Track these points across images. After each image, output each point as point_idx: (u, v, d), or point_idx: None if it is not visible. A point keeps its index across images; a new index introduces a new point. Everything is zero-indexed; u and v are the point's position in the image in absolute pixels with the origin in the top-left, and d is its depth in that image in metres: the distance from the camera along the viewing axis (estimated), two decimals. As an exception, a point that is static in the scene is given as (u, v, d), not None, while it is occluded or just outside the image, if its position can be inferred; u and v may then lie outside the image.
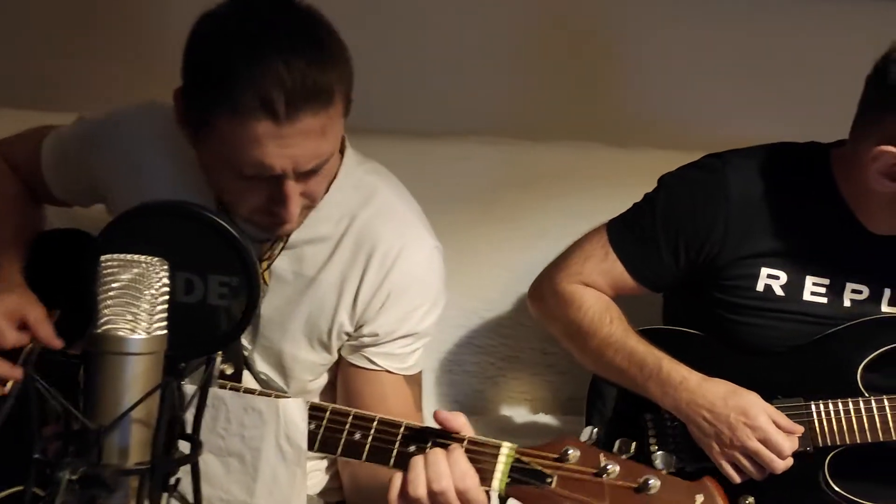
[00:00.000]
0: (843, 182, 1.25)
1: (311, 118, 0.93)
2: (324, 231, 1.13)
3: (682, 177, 1.33)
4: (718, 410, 1.19)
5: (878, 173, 1.15)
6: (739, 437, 1.17)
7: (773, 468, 1.17)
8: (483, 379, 1.74)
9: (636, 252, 1.33)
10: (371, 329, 1.14)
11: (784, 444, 1.16)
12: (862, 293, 1.26)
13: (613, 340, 1.29)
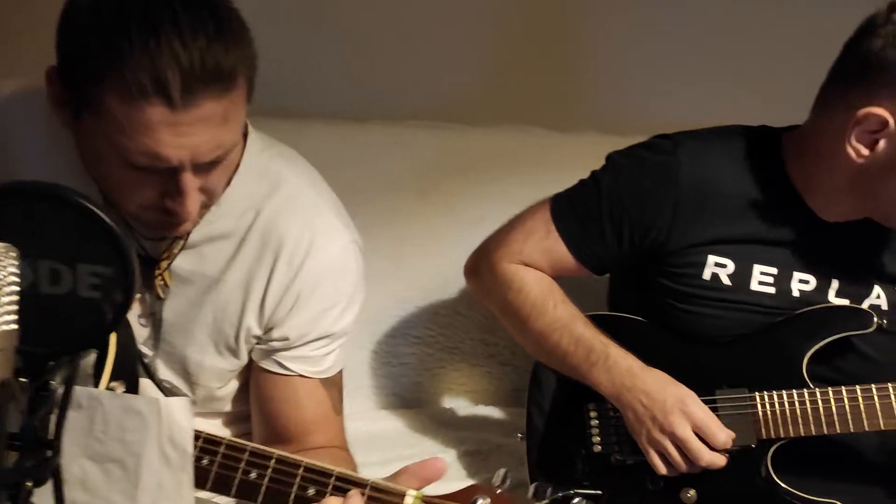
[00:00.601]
0: (794, 167, 1.20)
1: (212, 103, 0.82)
2: (226, 227, 1.02)
3: (630, 156, 1.26)
4: (656, 396, 1.15)
5: (858, 141, 1.09)
6: (672, 422, 1.13)
7: (698, 459, 1.12)
8: (422, 371, 1.66)
9: (579, 232, 1.26)
10: (281, 332, 1.05)
11: (719, 435, 1.12)
12: (809, 283, 1.21)
13: (560, 325, 1.23)
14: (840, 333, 1.16)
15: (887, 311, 1.20)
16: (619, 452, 1.23)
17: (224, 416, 1.16)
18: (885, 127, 1.06)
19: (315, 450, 1.07)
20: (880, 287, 1.21)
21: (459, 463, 1.47)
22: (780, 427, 1.15)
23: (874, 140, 1.08)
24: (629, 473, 1.22)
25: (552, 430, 1.30)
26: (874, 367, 1.21)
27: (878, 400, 1.11)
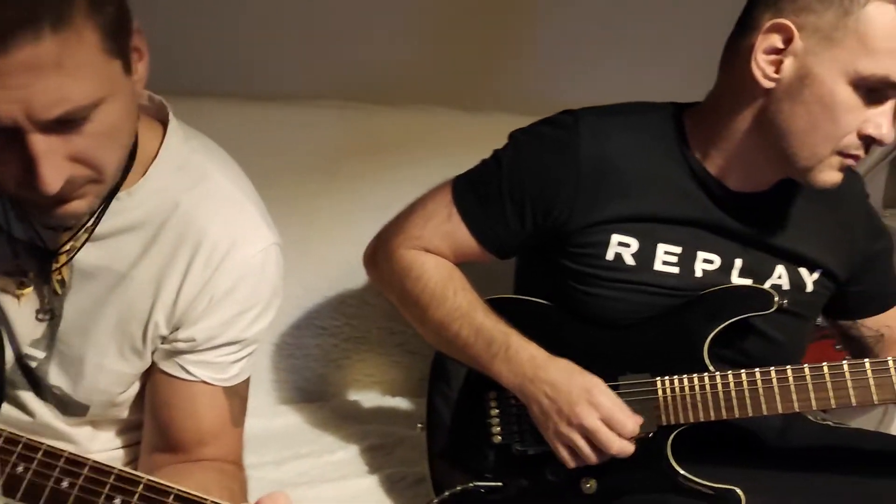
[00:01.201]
0: (699, 140, 1.15)
1: (30, 47, 0.70)
2: (138, 218, 0.92)
3: (532, 133, 1.20)
4: (561, 387, 1.10)
5: (766, 58, 1.04)
6: (578, 413, 1.08)
7: (608, 448, 1.08)
8: (326, 362, 1.59)
9: (481, 214, 1.20)
10: (188, 333, 0.95)
11: (627, 422, 1.08)
12: (713, 263, 1.17)
13: (459, 314, 1.17)
14: (741, 315, 1.13)
15: (788, 291, 1.18)
16: (521, 443, 1.18)
17: (119, 424, 1.06)
18: (791, 43, 1.02)
19: (203, 462, 0.99)
20: (782, 267, 1.18)
21: (362, 458, 1.41)
22: (680, 413, 1.11)
23: (780, 60, 1.04)
24: (530, 464, 1.17)
25: (453, 421, 1.24)
26: (776, 348, 1.18)
27: (777, 384, 1.08)
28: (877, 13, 0.98)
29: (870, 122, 1.03)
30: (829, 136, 1.05)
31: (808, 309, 1.22)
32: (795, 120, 1.06)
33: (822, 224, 1.19)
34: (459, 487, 1.19)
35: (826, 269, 1.20)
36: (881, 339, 1.26)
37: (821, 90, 1.03)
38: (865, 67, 1.00)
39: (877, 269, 1.25)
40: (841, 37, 1.00)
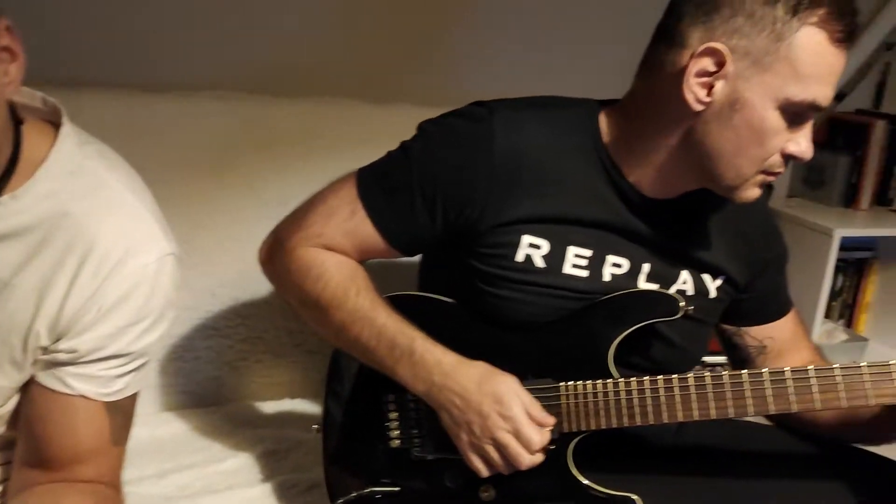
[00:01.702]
0: (616, 141, 1.11)
1: None
2: (23, 224, 0.86)
3: (443, 125, 1.13)
4: (471, 397, 1.05)
5: (698, 81, 1.00)
6: (490, 427, 1.04)
7: (518, 463, 1.04)
8: (220, 365, 1.51)
9: (388, 210, 1.13)
10: (71, 344, 0.89)
11: (534, 438, 1.04)
12: (622, 267, 1.14)
13: (360, 316, 1.10)
14: (647, 320, 1.10)
15: (693, 297, 1.16)
16: (420, 448, 1.14)
17: None
18: (723, 66, 0.99)
19: (77, 484, 0.92)
20: (687, 272, 1.17)
21: (253, 466, 1.34)
22: (582, 420, 1.08)
23: (711, 83, 1.01)
24: (429, 469, 1.13)
25: (350, 423, 1.18)
26: (678, 353, 1.17)
27: (679, 392, 1.06)
28: (807, 39, 0.96)
29: (792, 142, 1.02)
30: (755, 158, 1.03)
31: (710, 315, 1.21)
32: (723, 143, 1.03)
33: (725, 231, 1.18)
34: (354, 493, 1.14)
35: (728, 276, 1.19)
36: (763, 350, 1.26)
37: (751, 115, 1.00)
38: (795, 93, 0.98)
39: (769, 279, 1.24)
40: (772, 62, 0.98)
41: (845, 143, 2.35)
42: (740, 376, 1.06)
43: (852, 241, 2.36)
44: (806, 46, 0.96)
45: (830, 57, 0.97)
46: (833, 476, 1.14)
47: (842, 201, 2.37)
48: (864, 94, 2.44)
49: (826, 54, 0.97)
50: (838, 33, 0.96)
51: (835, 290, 2.45)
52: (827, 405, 1.04)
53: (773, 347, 1.26)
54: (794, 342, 1.27)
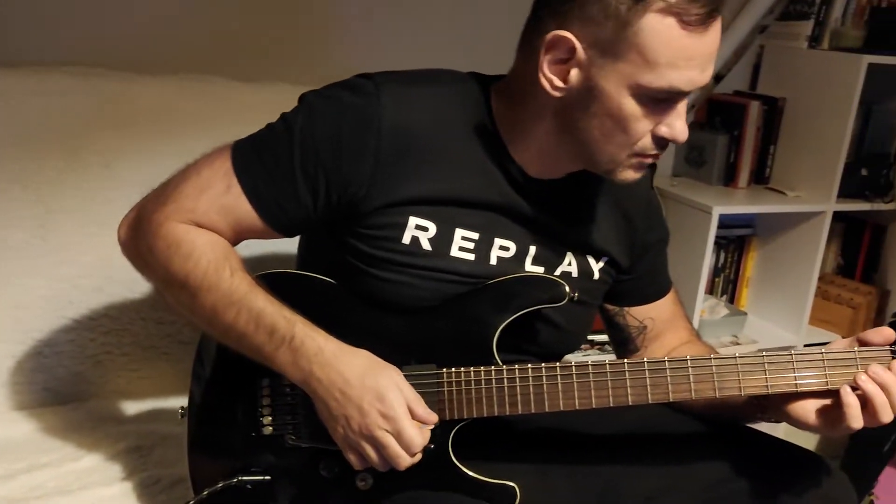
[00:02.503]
0: (501, 119, 1.06)
1: None
2: None
3: (328, 97, 1.04)
4: (352, 392, 0.98)
5: (550, 70, 0.97)
6: (369, 426, 0.97)
7: (397, 464, 0.99)
8: (83, 359, 1.39)
9: (266, 187, 1.03)
10: None
11: (415, 440, 0.98)
12: (509, 250, 1.09)
13: (236, 299, 1.01)
14: (533, 306, 1.06)
15: (577, 279, 1.14)
16: (294, 435, 1.07)
17: None
18: (574, 54, 0.95)
19: None
20: (571, 254, 1.14)
21: (113, 463, 1.24)
22: (464, 407, 1.04)
23: (566, 70, 0.97)
24: (303, 457, 1.07)
25: (218, 409, 1.10)
26: (563, 335, 1.14)
27: (561, 380, 1.03)
28: (655, 25, 0.91)
29: (662, 125, 0.99)
30: (622, 143, 1.00)
31: (594, 296, 1.19)
32: (589, 129, 1.00)
33: (609, 213, 1.16)
34: (221, 484, 1.06)
35: (611, 258, 1.17)
36: (644, 330, 1.25)
37: (608, 103, 0.96)
38: (649, 80, 0.94)
39: (650, 261, 1.23)
40: (622, 50, 0.93)
41: (723, 124, 2.39)
42: (621, 366, 1.03)
43: (732, 218, 2.42)
44: (654, 33, 0.91)
45: (684, 41, 0.92)
46: (713, 454, 1.14)
47: (721, 180, 2.41)
48: (743, 76, 2.49)
49: (678, 39, 0.92)
50: (690, 17, 0.91)
51: (717, 266, 2.50)
52: (701, 395, 1.03)
53: (652, 327, 1.25)
54: (672, 322, 1.27)
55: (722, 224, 2.40)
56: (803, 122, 2.33)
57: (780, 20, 2.36)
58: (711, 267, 2.47)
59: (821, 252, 2.32)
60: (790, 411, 1.04)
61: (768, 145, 2.40)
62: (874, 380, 0.99)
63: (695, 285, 2.23)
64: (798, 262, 2.37)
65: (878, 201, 2.31)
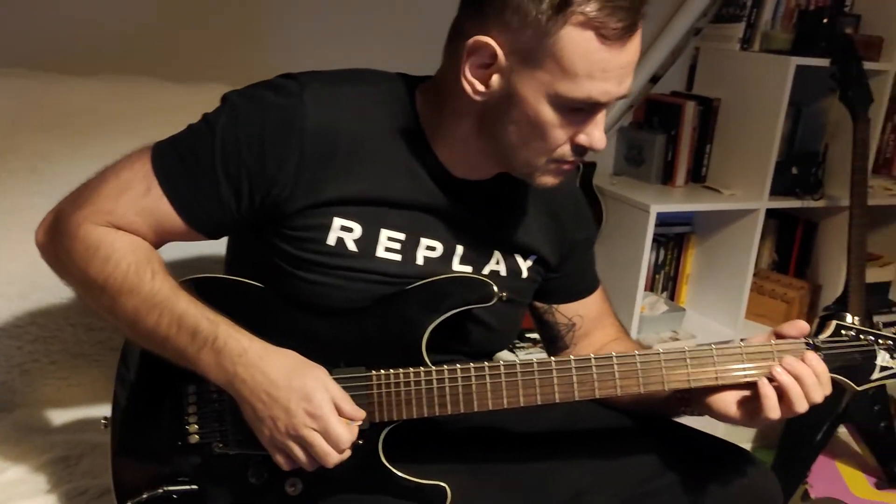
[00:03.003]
0: (427, 119, 1.05)
1: None
2: None
3: (251, 97, 1.03)
4: (278, 392, 0.96)
5: (473, 75, 0.96)
6: (296, 426, 0.95)
7: (325, 462, 0.97)
8: (8, 368, 1.35)
9: (188, 188, 1.01)
10: None
11: (343, 437, 0.96)
12: (436, 250, 1.09)
13: (158, 301, 0.98)
14: (461, 307, 1.06)
15: (506, 278, 1.14)
16: (222, 443, 1.04)
17: None
18: (496, 60, 0.95)
19: None
20: (500, 254, 1.14)
21: (37, 475, 1.20)
22: (394, 409, 1.03)
23: (488, 74, 0.96)
24: (231, 465, 1.04)
25: (142, 417, 1.07)
26: (492, 334, 1.14)
27: (489, 380, 1.03)
28: (573, 37, 0.91)
29: (581, 133, 0.99)
30: (540, 150, 1.00)
31: (524, 294, 1.19)
32: (508, 134, 1.00)
33: (536, 212, 1.16)
34: (146, 494, 1.03)
35: (539, 256, 1.17)
36: (573, 327, 1.26)
37: (527, 110, 0.96)
38: (567, 90, 0.94)
39: (578, 259, 1.24)
40: (540, 59, 0.93)
41: (661, 124, 2.42)
42: (549, 364, 1.03)
43: (670, 216, 2.46)
44: (572, 45, 0.91)
45: (602, 54, 0.92)
46: (642, 449, 1.15)
47: (660, 179, 2.44)
48: (680, 77, 2.53)
49: (596, 52, 0.92)
50: (609, 31, 0.91)
51: (658, 263, 2.54)
52: (626, 391, 1.04)
53: (581, 325, 1.25)
54: (600, 319, 1.27)
55: (661, 222, 2.44)
56: (737, 121, 2.37)
57: (714, 23, 2.40)
58: (651, 264, 2.51)
59: (755, 248, 2.36)
60: (711, 404, 1.06)
61: (704, 144, 2.45)
62: (788, 371, 1.01)
63: (634, 282, 2.26)
64: (734, 259, 2.41)
65: (808, 198, 2.37)
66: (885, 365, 1.06)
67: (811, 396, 1.02)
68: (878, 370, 1.06)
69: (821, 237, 2.60)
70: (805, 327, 1.05)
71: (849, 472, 2.47)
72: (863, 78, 2.16)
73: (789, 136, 2.44)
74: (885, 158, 2.71)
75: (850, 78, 2.15)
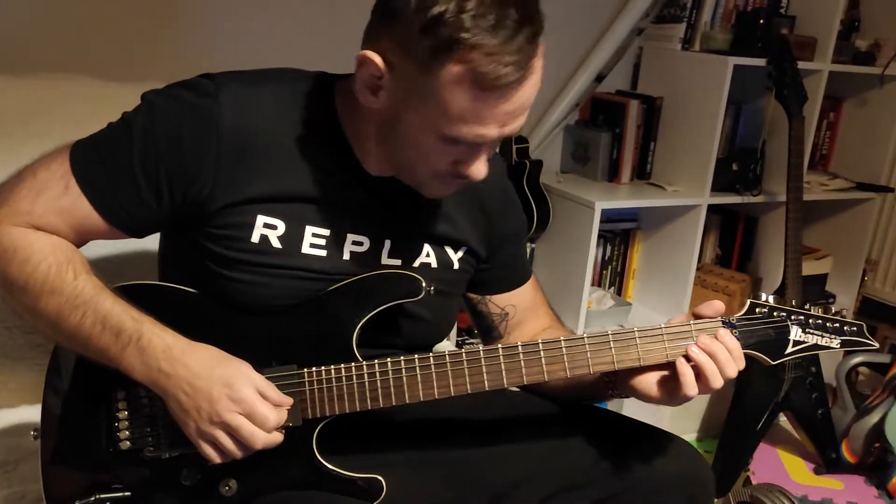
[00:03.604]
0: (345, 118, 1.06)
1: None
2: None
3: (168, 96, 1.03)
4: (200, 383, 0.96)
5: (362, 81, 0.96)
6: (220, 411, 0.96)
7: (252, 443, 0.97)
8: (-58, 373, 1.33)
9: (107, 187, 1.01)
10: None
11: (269, 415, 0.97)
12: (363, 245, 1.09)
13: (81, 301, 0.98)
14: (389, 302, 1.06)
15: (437, 269, 1.15)
16: (154, 447, 1.04)
17: None
18: (382, 77, 0.95)
19: None
20: (429, 246, 1.15)
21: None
22: (326, 405, 1.03)
23: (377, 88, 0.96)
24: (163, 469, 1.04)
25: (73, 426, 1.06)
26: (426, 326, 1.15)
27: (420, 371, 1.04)
28: (452, 81, 0.89)
29: (462, 162, 0.99)
30: (423, 168, 1.01)
31: (456, 286, 1.20)
32: (396, 148, 1.01)
33: (465, 205, 1.17)
34: (77, 503, 1.02)
35: (469, 247, 1.18)
36: (506, 317, 1.27)
37: (410, 133, 0.97)
38: (443, 127, 0.93)
39: (509, 251, 1.25)
40: (420, 91, 0.92)
41: (606, 122, 2.45)
42: (477, 353, 1.05)
43: (616, 212, 2.49)
44: (451, 88, 0.90)
45: (480, 103, 0.90)
46: (578, 437, 1.17)
47: (606, 176, 2.47)
48: (625, 76, 2.56)
49: (474, 101, 0.90)
50: (489, 84, 0.88)
51: (605, 258, 2.57)
52: (553, 376, 1.06)
53: (514, 314, 1.27)
54: (533, 309, 1.29)
55: (607, 218, 2.47)
56: (679, 119, 2.42)
57: (656, 23, 2.44)
58: (599, 260, 2.54)
59: (698, 243, 2.41)
60: (635, 385, 1.09)
61: (649, 142, 2.49)
62: (703, 349, 1.05)
63: (581, 277, 2.29)
64: (678, 254, 2.46)
65: (748, 194, 2.42)
66: (798, 339, 1.10)
67: (725, 372, 1.05)
68: (791, 345, 1.10)
69: (761, 232, 2.66)
70: (721, 307, 1.09)
71: (789, 458, 2.54)
72: (797, 77, 2.21)
73: (730, 134, 2.49)
74: (822, 155, 2.78)
75: (785, 77, 2.20)
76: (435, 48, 0.88)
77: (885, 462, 2.38)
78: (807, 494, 2.33)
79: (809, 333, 1.10)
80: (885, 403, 2.39)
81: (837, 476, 2.44)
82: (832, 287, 2.79)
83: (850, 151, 2.75)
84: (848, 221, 2.74)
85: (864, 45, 2.57)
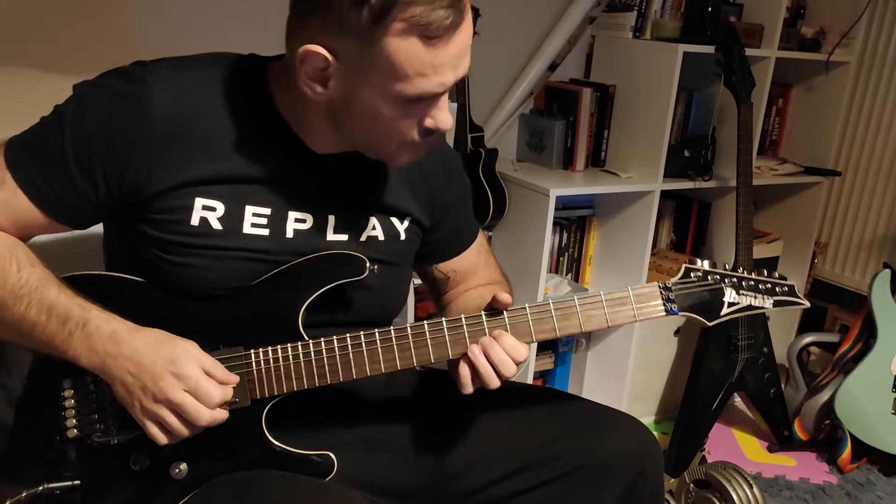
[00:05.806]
0: (281, 98, 1.07)
1: None
2: None
3: (98, 85, 1.04)
4: (145, 361, 0.97)
5: (307, 77, 0.98)
6: (164, 389, 0.97)
7: (197, 419, 0.98)
8: None
9: (43, 179, 1.02)
10: None
11: (213, 392, 0.98)
12: (306, 222, 1.11)
13: (25, 292, 0.99)
14: (333, 282, 1.08)
15: (384, 242, 1.16)
16: (102, 433, 1.04)
17: None
18: (328, 65, 0.96)
19: None
20: (375, 218, 1.16)
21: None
22: (275, 384, 1.04)
23: (326, 77, 0.98)
24: (112, 455, 1.04)
25: (17, 416, 1.06)
26: (381, 298, 1.17)
27: (366, 347, 1.06)
28: (398, 44, 0.92)
29: (427, 117, 1.02)
30: (388, 139, 1.03)
31: (404, 257, 1.22)
32: (355, 128, 1.03)
33: (405, 175, 1.18)
34: (25, 493, 1.02)
35: (414, 218, 1.20)
36: (447, 281, 1.32)
37: (366, 109, 0.99)
38: (401, 89, 0.96)
39: (453, 218, 1.27)
40: (369, 65, 0.95)
41: (560, 110, 2.48)
42: (422, 327, 1.07)
43: (571, 199, 2.52)
44: (398, 51, 0.93)
45: (430, 54, 0.94)
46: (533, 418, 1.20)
47: (561, 164, 2.50)
48: (578, 64, 2.59)
49: (424, 54, 0.94)
50: (432, 32, 0.92)
51: (562, 245, 2.60)
52: None
53: (454, 278, 1.31)
54: (473, 271, 1.33)
55: (563, 206, 2.50)
56: (632, 107, 2.45)
57: (608, 11, 2.47)
58: (556, 246, 2.57)
59: (651, 228, 2.45)
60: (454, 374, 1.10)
61: (602, 130, 2.52)
62: (483, 351, 1.06)
63: (538, 264, 2.32)
64: (633, 239, 2.50)
65: (700, 180, 2.47)
66: (732, 301, 1.13)
67: (500, 372, 1.06)
68: (726, 306, 1.13)
69: (714, 217, 2.71)
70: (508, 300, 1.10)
71: (743, 437, 2.60)
72: (745, 64, 2.26)
73: (682, 121, 2.53)
74: (772, 140, 2.84)
75: (733, 64, 2.25)
76: (373, 16, 0.90)
77: (836, 438, 2.44)
78: (761, 472, 2.39)
79: (743, 295, 1.14)
80: (834, 381, 2.46)
81: (790, 453, 2.51)
82: (783, 269, 2.85)
83: (798, 136, 2.81)
84: (797, 205, 2.81)
85: (809, 33, 2.63)
